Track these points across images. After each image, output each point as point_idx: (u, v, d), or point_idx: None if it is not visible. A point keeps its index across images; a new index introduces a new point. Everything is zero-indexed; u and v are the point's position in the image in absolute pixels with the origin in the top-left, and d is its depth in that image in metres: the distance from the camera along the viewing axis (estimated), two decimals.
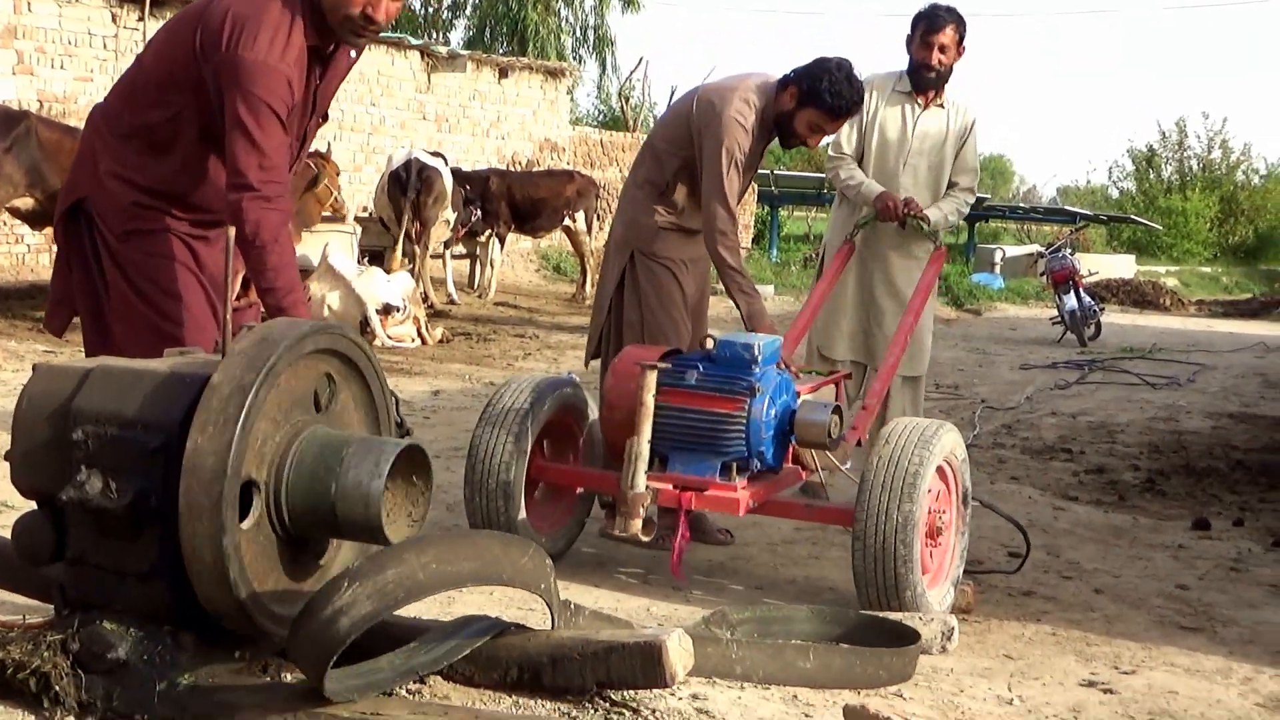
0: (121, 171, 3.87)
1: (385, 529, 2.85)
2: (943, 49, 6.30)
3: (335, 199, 13.06)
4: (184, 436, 2.71)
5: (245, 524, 2.79)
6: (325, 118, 4.12)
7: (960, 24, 6.34)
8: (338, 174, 13.52)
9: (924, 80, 6.35)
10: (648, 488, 4.45)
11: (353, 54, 4.04)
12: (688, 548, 4.69)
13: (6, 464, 3.05)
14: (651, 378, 4.45)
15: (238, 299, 3.94)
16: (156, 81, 3.87)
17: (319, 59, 3.89)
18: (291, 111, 3.78)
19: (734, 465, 4.63)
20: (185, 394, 2.82)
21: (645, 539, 4.51)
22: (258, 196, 3.68)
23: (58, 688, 2.76)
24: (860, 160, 6.41)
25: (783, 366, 4.87)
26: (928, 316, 6.49)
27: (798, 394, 4.85)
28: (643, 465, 4.43)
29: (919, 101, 6.39)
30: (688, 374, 4.67)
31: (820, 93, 5.34)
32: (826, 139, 5.84)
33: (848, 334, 6.51)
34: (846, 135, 6.35)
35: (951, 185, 6.46)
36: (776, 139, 5.59)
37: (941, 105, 6.41)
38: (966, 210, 6.34)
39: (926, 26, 6.33)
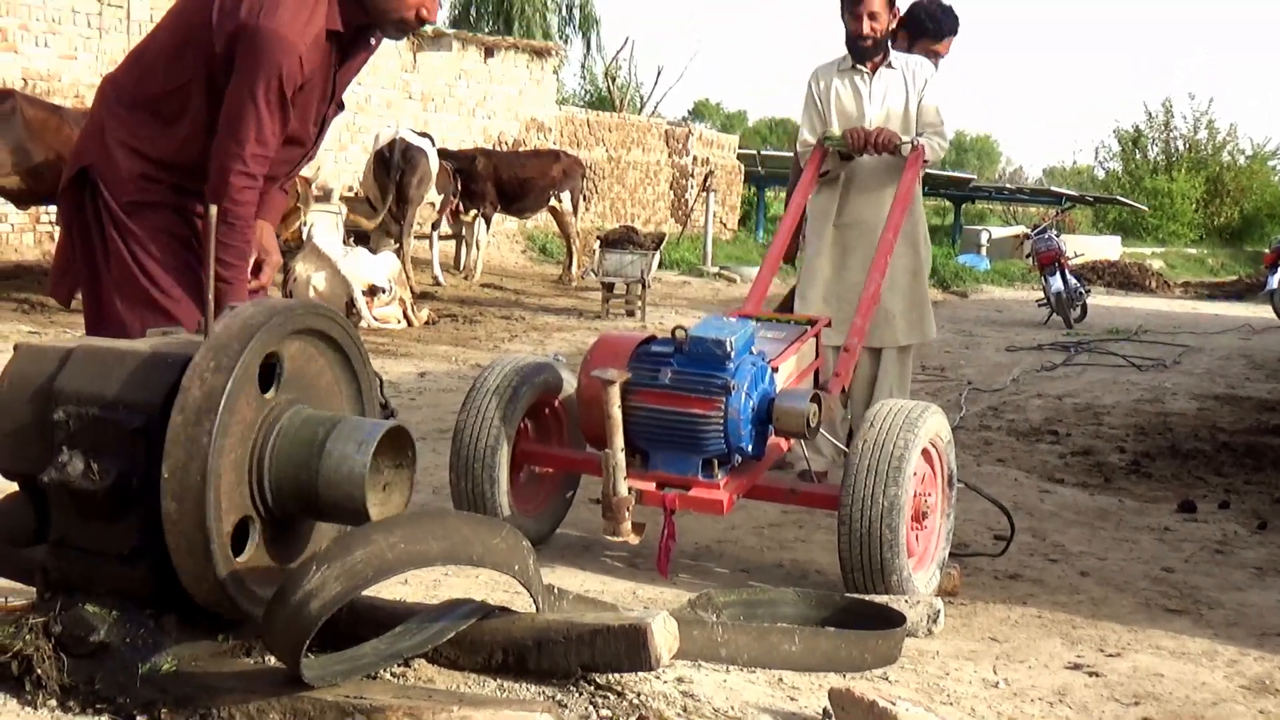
0: (131, 141, 3.86)
1: (369, 511, 2.83)
2: (872, 16, 6.18)
3: (296, 229, 12.83)
4: (166, 417, 2.69)
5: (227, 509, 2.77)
6: (341, 106, 4.12)
7: None
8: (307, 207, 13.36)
9: (862, 51, 6.26)
10: (631, 490, 4.44)
11: (371, 40, 4.03)
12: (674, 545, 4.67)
13: None
14: (614, 392, 4.38)
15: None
16: (168, 53, 3.87)
17: (338, 43, 3.88)
18: (300, 90, 3.79)
19: (715, 460, 4.60)
20: (167, 375, 2.79)
21: (636, 540, 4.51)
22: (244, 171, 3.73)
23: (40, 671, 2.74)
24: None
25: (757, 351, 4.80)
26: (923, 284, 6.41)
27: (773, 369, 4.80)
28: (621, 473, 4.40)
29: (865, 70, 6.31)
30: (661, 372, 4.59)
31: None
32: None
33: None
34: (809, 124, 6.31)
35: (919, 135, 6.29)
36: None
37: (891, 65, 6.30)
38: (941, 151, 6.24)
39: None
